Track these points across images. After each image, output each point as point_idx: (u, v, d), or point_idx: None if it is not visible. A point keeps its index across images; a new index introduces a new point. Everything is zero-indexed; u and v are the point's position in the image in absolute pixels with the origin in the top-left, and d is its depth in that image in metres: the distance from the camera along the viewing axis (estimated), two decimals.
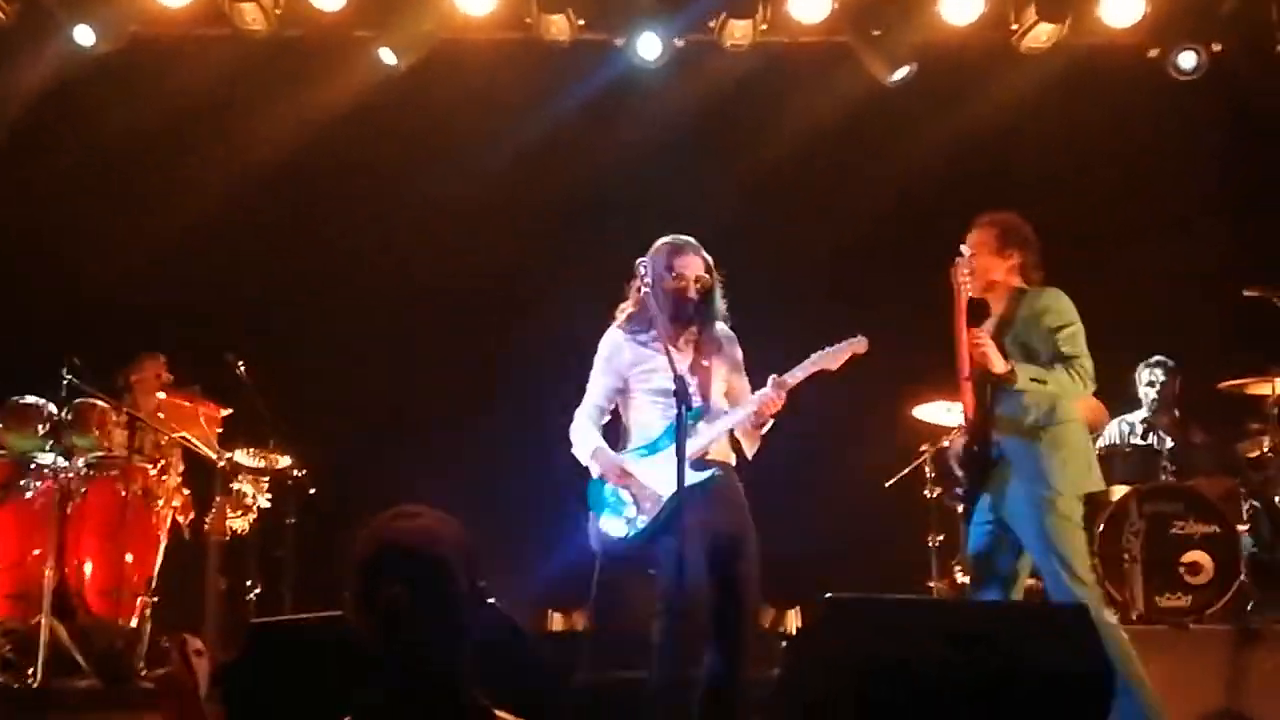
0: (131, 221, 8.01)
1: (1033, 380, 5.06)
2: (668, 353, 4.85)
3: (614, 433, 5.24)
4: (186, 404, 6.73)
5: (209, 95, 8.08)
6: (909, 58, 7.83)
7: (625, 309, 5.24)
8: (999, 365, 5.09)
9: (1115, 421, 7.52)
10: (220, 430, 6.84)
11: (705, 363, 5.14)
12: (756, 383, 5.13)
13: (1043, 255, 5.39)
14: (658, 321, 5.06)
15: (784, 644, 6.95)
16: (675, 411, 4.86)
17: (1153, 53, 8.03)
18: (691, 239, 5.21)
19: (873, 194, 7.88)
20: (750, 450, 5.24)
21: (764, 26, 7.95)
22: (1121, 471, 7.11)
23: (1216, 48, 8.02)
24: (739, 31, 7.91)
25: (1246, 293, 6.74)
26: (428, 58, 8.00)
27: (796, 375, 5.04)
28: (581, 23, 7.92)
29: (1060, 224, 8.10)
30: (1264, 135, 8.37)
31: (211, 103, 8.12)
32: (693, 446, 4.95)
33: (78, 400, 6.55)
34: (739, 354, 5.28)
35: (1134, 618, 6.59)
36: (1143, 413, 7.58)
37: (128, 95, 8.01)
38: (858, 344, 5.12)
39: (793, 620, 7.53)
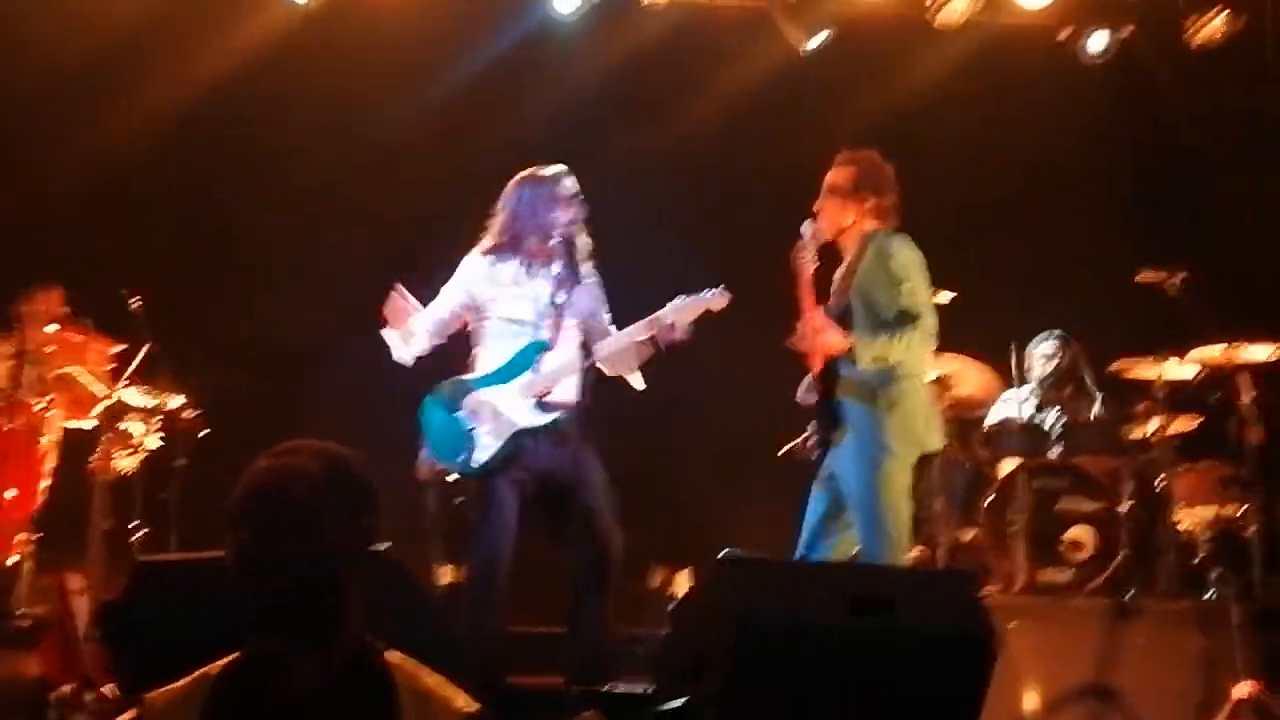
0: (37, 156, 7.86)
1: (874, 360, 4.96)
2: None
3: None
4: (78, 338, 6.58)
5: (117, 34, 7.88)
6: (824, 26, 7.85)
7: (491, 235, 5.16)
8: (839, 346, 4.99)
9: (1008, 393, 7.62)
10: (113, 367, 6.69)
11: (561, 298, 5.07)
12: None
13: (909, 212, 5.29)
14: (520, 252, 5.02)
15: (671, 606, 6.99)
16: (520, 341, 4.88)
17: (1063, 34, 8.13)
18: (571, 175, 5.16)
19: (783, 162, 7.90)
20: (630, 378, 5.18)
21: None
22: (1010, 445, 7.24)
23: (1125, 32, 8.13)
24: None
25: (1139, 278, 6.86)
26: (341, 3, 7.87)
27: (639, 329, 5.02)
28: None
29: (966, 200, 8.28)
30: (1168, 119, 8.53)
31: (120, 42, 7.91)
32: (536, 384, 4.94)
33: None
34: (601, 297, 5.20)
35: (1015, 590, 6.72)
36: (1033, 386, 7.68)
37: (36, 38, 7.82)
38: (715, 299, 5.08)
39: (683, 582, 7.58)
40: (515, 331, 5.05)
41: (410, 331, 5.18)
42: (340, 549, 2.20)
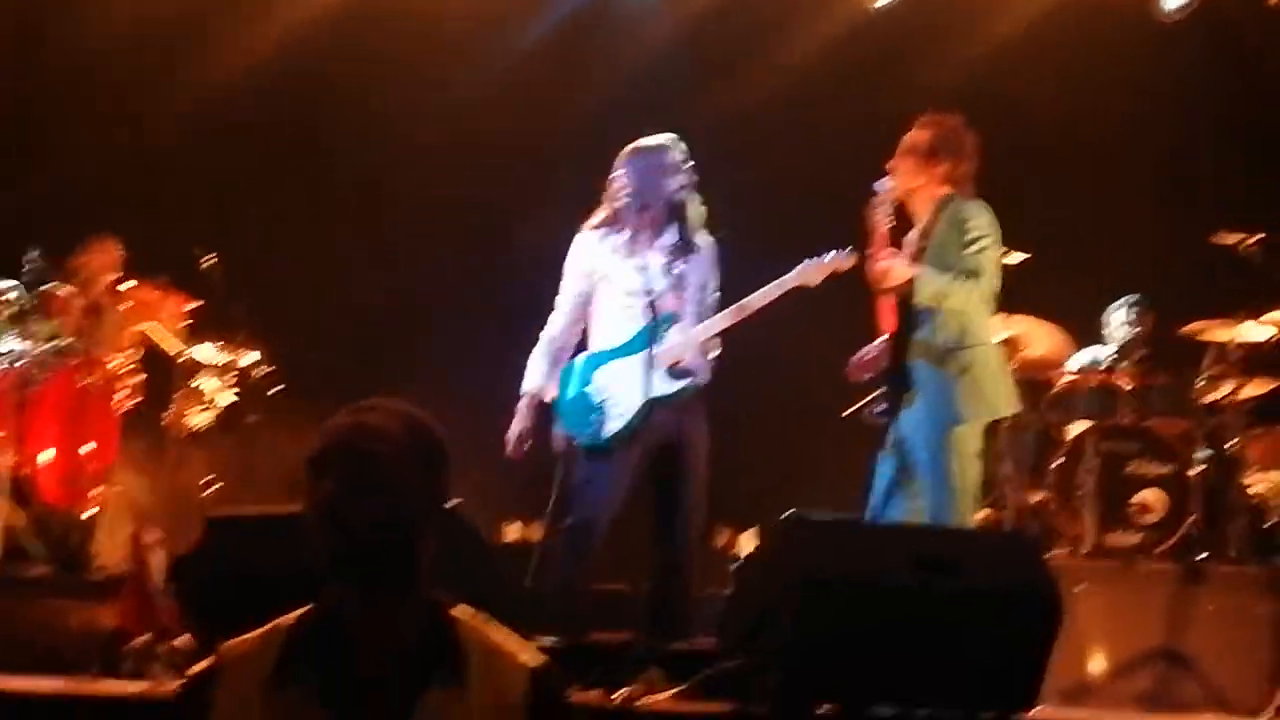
0: (114, 122, 7.98)
1: (933, 295, 4.95)
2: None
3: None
4: (153, 294, 6.67)
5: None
6: None
7: (603, 208, 5.21)
8: (899, 275, 4.98)
9: (1082, 353, 7.54)
10: (188, 324, 6.78)
11: (680, 267, 5.08)
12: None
13: (985, 170, 5.25)
14: (631, 224, 5.04)
15: (735, 565, 7.01)
16: (644, 315, 4.92)
17: None
18: (677, 141, 5.16)
19: (860, 126, 7.82)
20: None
21: None
22: (1081, 408, 7.18)
23: None
24: None
25: (1215, 239, 6.77)
26: None
27: (775, 290, 5.04)
28: None
29: (1043, 160, 8.18)
30: (1248, 80, 8.37)
31: (191, 9, 7.99)
32: (665, 356, 4.97)
33: (40, 288, 6.50)
34: (716, 265, 5.24)
35: (1083, 553, 6.68)
36: (1111, 349, 7.60)
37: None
38: (842, 258, 5.10)
39: (747, 542, 7.60)
40: (630, 303, 5.08)
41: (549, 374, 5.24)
42: (418, 505, 2.24)
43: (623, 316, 5.10)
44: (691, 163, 5.17)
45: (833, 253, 5.10)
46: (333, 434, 2.23)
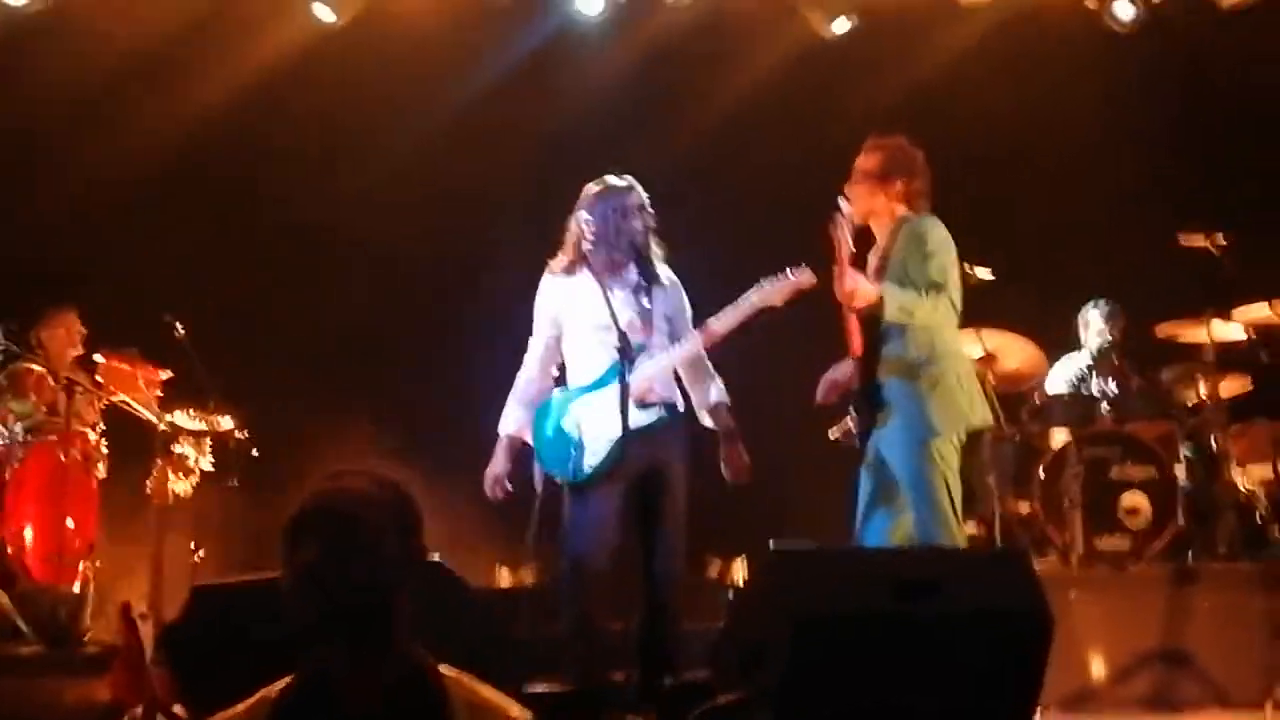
0: (64, 180, 7.89)
1: (899, 310, 4.97)
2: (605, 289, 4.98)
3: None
4: (125, 367, 6.65)
5: (144, 51, 7.94)
6: (849, 10, 7.82)
7: (564, 251, 5.25)
8: (865, 293, 5.00)
9: (1063, 360, 7.57)
10: (160, 394, 6.77)
11: (646, 301, 5.13)
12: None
13: (943, 191, 5.30)
14: (595, 264, 5.09)
15: (729, 595, 7.01)
16: (614, 347, 4.96)
17: (1091, 3, 8.05)
18: (634, 182, 5.23)
19: (817, 148, 7.88)
20: (699, 399, 5.30)
21: None
22: (1060, 416, 7.20)
23: None
24: None
25: (1183, 240, 6.81)
26: (366, 13, 7.91)
27: (736, 313, 5.07)
28: None
29: (1002, 173, 8.23)
30: (1201, 84, 8.46)
31: (146, 59, 7.98)
32: (635, 387, 5.00)
33: (13, 365, 6.49)
34: (682, 296, 5.28)
35: (1074, 560, 6.69)
36: (1086, 356, 7.63)
37: (62, 55, 7.89)
38: (801, 278, 5.13)
39: (739, 571, 7.59)
40: (600, 339, 5.10)
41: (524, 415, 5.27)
42: (397, 565, 2.25)
43: (593, 353, 5.14)
44: (647, 204, 5.21)
45: (794, 271, 5.13)
46: (310, 500, 2.25)
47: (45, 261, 7.77)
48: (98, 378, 6.62)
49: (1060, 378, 7.56)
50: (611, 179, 5.25)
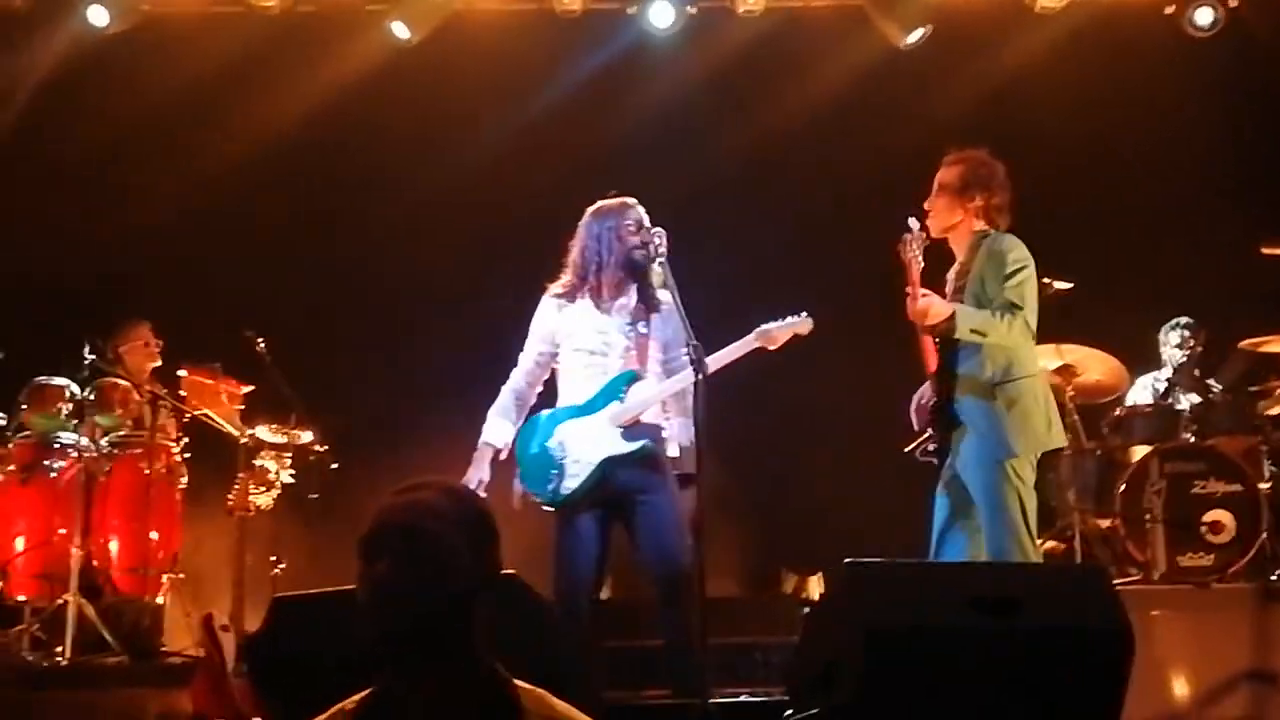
0: (148, 197, 8.03)
1: (973, 331, 4.93)
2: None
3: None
4: (208, 381, 6.74)
5: (223, 73, 8.08)
6: (923, 20, 7.78)
7: (564, 273, 5.23)
8: (938, 312, 4.94)
9: (1143, 379, 7.49)
10: (241, 407, 6.86)
11: (643, 328, 5.11)
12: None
13: (1020, 203, 5.25)
14: (590, 285, 5.08)
15: (804, 610, 6.96)
16: (603, 374, 5.01)
17: (1169, 9, 7.95)
18: (636, 203, 5.20)
19: (889, 158, 7.86)
20: (673, 432, 5.20)
21: None
22: (1142, 431, 7.10)
23: (1234, 3, 7.94)
24: None
25: (1265, 250, 6.70)
26: (440, 30, 7.99)
27: (720, 359, 5.01)
28: None
29: (1078, 184, 8.15)
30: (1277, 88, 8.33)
31: (225, 81, 8.11)
32: (624, 414, 4.99)
33: (100, 379, 6.61)
34: (680, 325, 5.04)
35: (1156, 577, 6.59)
36: (1167, 372, 7.55)
37: (141, 75, 8.05)
38: (800, 324, 5.11)
39: (815, 587, 7.56)
40: (595, 363, 5.12)
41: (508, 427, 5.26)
42: (470, 579, 2.25)
43: (584, 376, 5.12)
44: (645, 221, 5.15)
45: (792, 316, 5.10)
46: (382, 514, 2.26)
47: (127, 278, 7.93)
48: (181, 392, 6.72)
49: (1141, 393, 7.47)
50: (609, 199, 5.22)
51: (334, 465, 6.93)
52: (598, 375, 5.10)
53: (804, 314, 5.15)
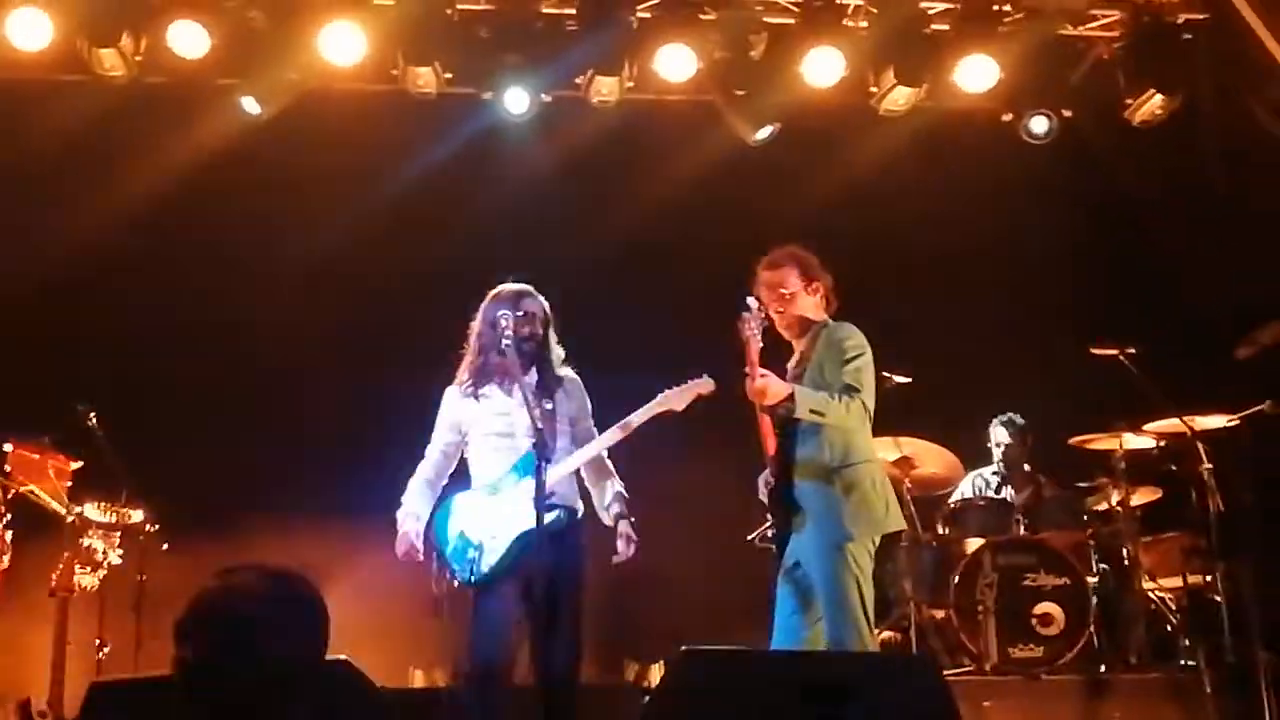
0: None
1: (811, 412, 5.02)
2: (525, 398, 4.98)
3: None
4: (35, 456, 6.53)
5: (67, 143, 7.91)
6: (773, 118, 7.96)
7: (465, 361, 5.33)
8: (776, 392, 5.02)
9: (970, 475, 7.68)
10: (70, 484, 6.64)
11: (548, 405, 5.21)
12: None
13: (863, 298, 5.45)
14: (492, 370, 5.14)
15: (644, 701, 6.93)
16: (513, 453, 5.10)
17: (1006, 117, 8.25)
18: (526, 285, 5.35)
19: (735, 252, 7.98)
20: (600, 499, 5.31)
21: (630, 84, 8.00)
22: (976, 524, 7.27)
23: (1067, 114, 8.27)
24: (605, 88, 7.95)
25: (1094, 350, 6.95)
26: (293, 107, 7.93)
27: (638, 417, 5.13)
28: (449, 76, 7.92)
29: (918, 280, 8.37)
30: (1112, 196, 8.69)
31: (70, 150, 7.94)
32: (536, 488, 5.00)
33: None
34: (585, 398, 5.36)
35: (987, 668, 6.71)
36: (994, 467, 7.76)
37: None
38: (703, 384, 5.24)
39: (656, 674, 7.54)
40: (500, 444, 5.24)
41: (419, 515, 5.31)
42: (289, 665, 2.20)
43: (494, 457, 5.25)
44: (545, 305, 5.31)
45: (694, 380, 5.20)
46: (197, 598, 2.21)
47: None
48: (6, 466, 6.48)
49: (968, 487, 7.64)
50: (503, 285, 5.35)
51: (165, 546, 6.74)
52: (506, 455, 5.18)
53: (705, 375, 5.24)
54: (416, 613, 5.55)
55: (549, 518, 5.03)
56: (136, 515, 6.61)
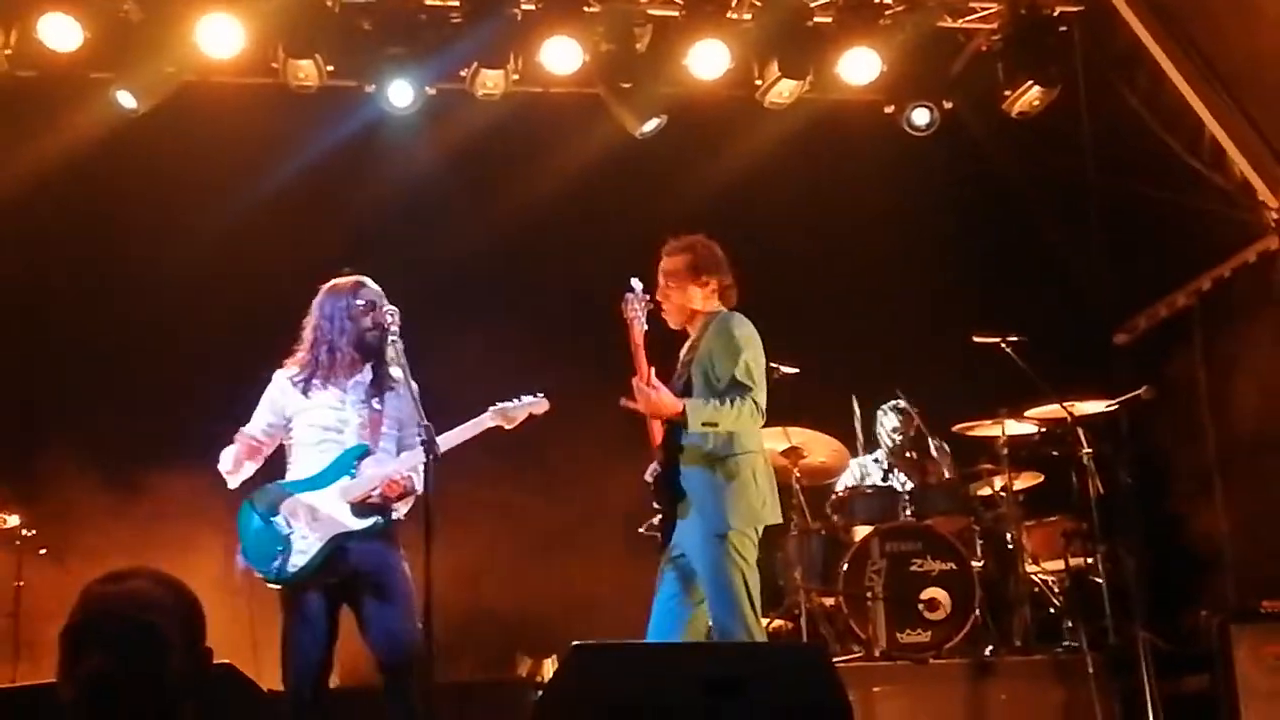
0: None
1: (704, 425, 5.03)
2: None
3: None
4: None
5: None
6: (658, 110, 7.97)
7: (298, 350, 5.19)
8: (668, 409, 5.05)
9: (855, 462, 7.75)
10: None
11: (377, 404, 5.09)
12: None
13: (750, 290, 5.42)
14: (323, 363, 5.04)
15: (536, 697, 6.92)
16: (337, 450, 4.96)
17: (889, 109, 8.35)
18: (370, 281, 5.20)
19: (622, 243, 7.98)
20: (399, 510, 5.15)
21: (515, 77, 7.95)
22: (863, 511, 7.34)
23: (948, 105, 8.39)
24: (490, 81, 7.90)
25: (976, 339, 7.06)
26: (171, 101, 7.76)
27: (456, 437, 5.02)
28: (331, 69, 7.81)
29: (805, 273, 8.45)
30: (992, 186, 8.84)
31: None
32: (355, 489, 4.94)
33: None
34: (413, 402, 5.06)
35: (877, 654, 6.79)
36: (881, 453, 7.86)
37: None
38: (536, 404, 5.17)
39: (549, 669, 7.52)
40: (326, 438, 5.06)
41: (241, 467, 5.13)
42: (186, 672, 2.16)
43: (315, 451, 5.06)
44: (385, 303, 5.14)
45: (528, 397, 5.16)
46: (93, 603, 2.14)
47: None
48: None
49: (853, 475, 7.72)
50: (341, 278, 5.21)
51: (42, 550, 6.58)
52: (331, 449, 5.03)
53: (540, 395, 5.18)
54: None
55: (365, 524, 4.96)
56: (12, 520, 6.45)
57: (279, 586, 4.94)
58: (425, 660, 4.68)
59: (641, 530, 6.54)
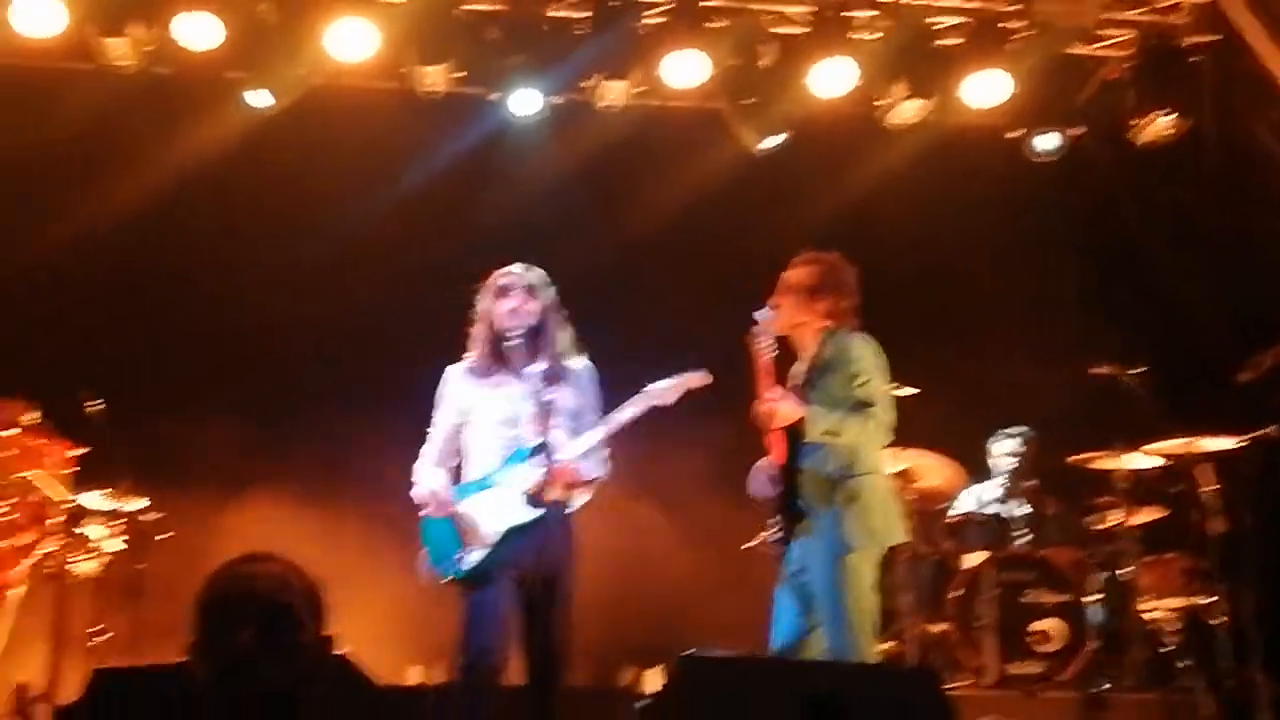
0: None
1: (825, 433, 5.01)
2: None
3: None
4: (36, 441, 6.50)
5: (75, 133, 7.88)
6: (779, 128, 7.95)
7: (470, 345, 5.27)
8: (787, 416, 5.03)
9: (970, 489, 7.65)
10: (74, 470, 6.60)
11: (546, 397, 5.11)
12: None
13: (867, 311, 5.37)
14: (493, 355, 5.09)
15: (639, 705, 6.92)
16: (511, 443, 5.02)
17: (1014, 134, 8.25)
18: (519, 272, 5.24)
19: (741, 259, 7.98)
20: (575, 501, 5.21)
21: (638, 89, 8.00)
22: (976, 539, 7.25)
23: (1075, 132, 8.27)
24: (612, 93, 7.95)
25: (1093, 371, 6.94)
26: (301, 103, 7.91)
27: (625, 413, 5.08)
28: (458, 76, 7.91)
29: (920, 295, 8.36)
30: (1117, 216, 8.69)
31: (77, 139, 7.92)
32: (529, 480, 4.97)
33: None
34: (592, 391, 5.22)
35: (986, 683, 6.69)
36: (998, 481, 7.74)
37: None
38: (693, 378, 5.17)
39: (653, 680, 7.52)
40: (499, 434, 5.12)
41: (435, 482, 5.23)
42: (314, 656, 2.20)
43: (490, 447, 5.13)
44: (552, 289, 5.22)
45: (686, 373, 5.15)
46: (235, 583, 2.18)
47: None
48: (4, 453, 6.45)
49: (966, 502, 7.62)
50: (502, 270, 5.28)
51: (167, 535, 6.70)
52: (501, 446, 5.09)
53: (702, 370, 5.22)
54: (414, 608, 5.48)
55: (536, 515, 5.01)
56: (138, 503, 6.59)
57: (459, 584, 5.01)
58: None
59: (753, 544, 6.54)
